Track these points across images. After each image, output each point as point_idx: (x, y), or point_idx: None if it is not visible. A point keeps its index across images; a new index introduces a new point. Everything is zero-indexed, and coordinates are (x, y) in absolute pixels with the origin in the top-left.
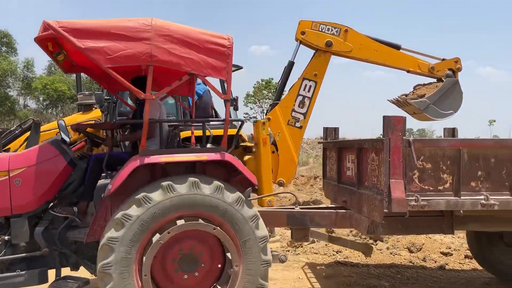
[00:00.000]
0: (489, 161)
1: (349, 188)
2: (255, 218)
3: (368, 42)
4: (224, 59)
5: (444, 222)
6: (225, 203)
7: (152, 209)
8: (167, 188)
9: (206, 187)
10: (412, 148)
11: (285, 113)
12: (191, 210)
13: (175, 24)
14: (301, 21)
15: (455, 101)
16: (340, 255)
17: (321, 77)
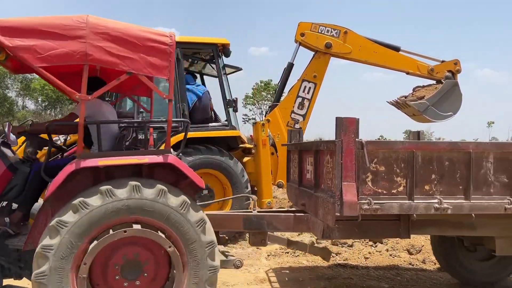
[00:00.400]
0: (443, 164)
1: (308, 191)
2: (202, 222)
3: (368, 44)
4: (166, 58)
5: (401, 226)
6: (169, 208)
7: (89, 215)
8: (106, 193)
9: (148, 191)
10: (365, 150)
11: (285, 114)
12: (132, 215)
13: (113, 21)
14: (300, 22)
15: (454, 103)
16: (339, 257)
17: (320, 78)
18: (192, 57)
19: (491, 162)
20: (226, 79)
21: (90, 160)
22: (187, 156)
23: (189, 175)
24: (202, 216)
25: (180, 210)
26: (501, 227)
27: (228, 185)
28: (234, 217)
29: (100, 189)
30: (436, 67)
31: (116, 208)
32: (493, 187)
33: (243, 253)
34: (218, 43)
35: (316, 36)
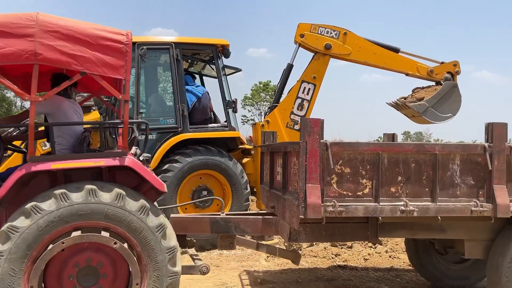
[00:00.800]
0: (409, 166)
1: (277, 193)
2: (161, 227)
3: (367, 45)
4: (122, 57)
5: (369, 229)
6: (127, 212)
7: (22, 237)
8: (32, 210)
9: (105, 195)
10: (329, 152)
11: (284, 115)
12: (68, 224)
13: (65, 18)
14: (300, 24)
15: (453, 104)
16: (339, 258)
17: (320, 79)
18: (192, 58)
19: (457, 164)
20: (226, 80)
21: (43, 163)
22: (187, 157)
23: (148, 178)
24: (161, 220)
25: (116, 204)
26: (469, 230)
27: (227, 186)
28: (201, 220)
29: (25, 208)
30: (436, 68)
31: (48, 222)
32: (460, 189)
33: (242, 255)
34: (217, 44)
35: (316, 37)
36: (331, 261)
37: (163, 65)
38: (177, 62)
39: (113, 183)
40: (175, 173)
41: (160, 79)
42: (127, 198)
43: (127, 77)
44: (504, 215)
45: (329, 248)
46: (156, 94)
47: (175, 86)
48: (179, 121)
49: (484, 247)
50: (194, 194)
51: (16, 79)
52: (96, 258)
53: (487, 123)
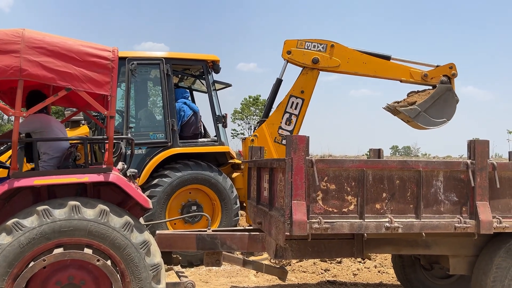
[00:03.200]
0: (394, 182)
1: (264, 209)
2: (145, 244)
3: (357, 55)
4: (108, 73)
5: (355, 245)
6: (111, 229)
7: (3, 255)
8: (14, 227)
9: (89, 211)
10: (315, 169)
11: (272, 130)
12: (50, 240)
13: (52, 35)
14: (286, 40)
15: (448, 108)
16: (328, 273)
17: (308, 94)
18: (182, 73)
19: (441, 180)
20: (216, 95)
21: (25, 179)
22: (176, 172)
23: (131, 194)
24: (145, 237)
25: (100, 220)
26: (453, 246)
27: (217, 201)
28: (187, 236)
29: (6, 225)
30: (430, 72)
31: (30, 239)
32: (443, 206)
33: (231, 270)
34: (208, 59)
35: (303, 53)
36: (320, 277)
37: (153, 80)
38: (167, 77)
39: (97, 200)
40: (164, 188)
41: (150, 94)
42: (111, 214)
43: (112, 93)
44: (487, 231)
45: (319, 264)
46: (146, 109)
47: (165, 101)
48: (169, 135)
49: (468, 263)
50: (183, 209)
51: (4, 94)
52: (78, 275)
53: (469, 141)
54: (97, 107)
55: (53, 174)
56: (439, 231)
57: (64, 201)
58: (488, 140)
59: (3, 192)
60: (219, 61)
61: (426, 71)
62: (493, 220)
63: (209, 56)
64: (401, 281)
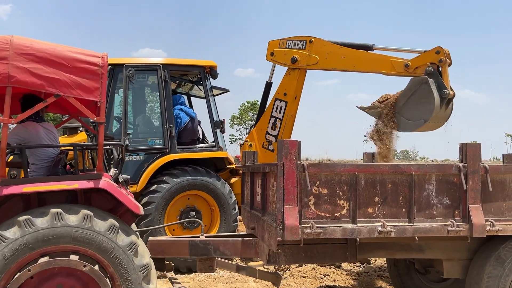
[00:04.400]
0: (386, 186)
1: (257, 214)
2: (133, 246)
3: (335, 49)
4: (97, 79)
5: (348, 250)
6: (96, 233)
7: (7, 248)
8: (24, 223)
9: (72, 217)
10: (306, 173)
11: (260, 135)
12: (35, 250)
13: (40, 41)
14: (269, 41)
15: (424, 106)
16: (328, 278)
17: (291, 96)
18: (180, 79)
19: (433, 184)
20: (214, 100)
21: (14, 186)
22: (174, 178)
23: (122, 200)
24: (132, 239)
25: (84, 225)
26: (447, 250)
27: (215, 207)
28: (180, 242)
29: (18, 219)
30: (413, 61)
31: (14, 250)
32: (436, 209)
33: (231, 276)
34: (205, 65)
35: (284, 53)
36: (319, 282)
37: (151, 86)
38: (165, 83)
39: (81, 205)
40: (163, 194)
41: (148, 100)
42: (95, 218)
43: (102, 99)
44: (479, 234)
45: (318, 268)
46: (144, 115)
47: (163, 107)
48: (166, 141)
49: (462, 267)
50: (182, 215)
51: None
52: (67, 283)
53: (461, 144)
54: (86, 113)
55: (43, 181)
56: (432, 235)
57: (46, 209)
58: (479, 143)
59: None
60: (216, 67)
61: (409, 59)
62: (486, 223)
63: (206, 62)
64: (395, 285)
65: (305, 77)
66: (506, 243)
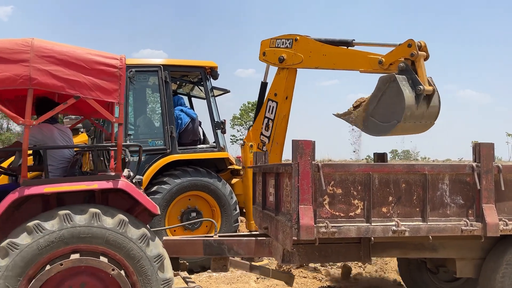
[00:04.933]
0: (400, 186)
1: (270, 214)
2: (160, 258)
3: (318, 47)
4: (115, 81)
5: (362, 249)
6: (127, 239)
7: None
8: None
9: (108, 220)
10: (321, 173)
11: (256, 136)
12: (68, 245)
13: (60, 44)
14: (262, 41)
15: (395, 105)
16: (329, 278)
17: (281, 96)
18: (180, 80)
19: (446, 184)
20: (214, 101)
21: (36, 187)
22: (175, 179)
23: (141, 201)
24: (144, 231)
25: (118, 230)
26: (460, 249)
27: (216, 207)
28: (194, 242)
29: (27, 226)
30: (387, 57)
31: (49, 242)
32: (450, 209)
33: (232, 277)
34: (206, 66)
35: (274, 52)
36: (321, 282)
37: (151, 87)
38: (165, 84)
39: (118, 209)
40: (164, 195)
41: (148, 101)
42: (129, 225)
43: (121, 101)
44: (493, 234)
45: (319, 269)
46: (145, 116)
47: (164, 107)
48: (167, 142)
49: (475, 266)
50: (182, 216)
51: (9, 103)
52: (90, 282)
53: (475, 143)
54: (105, 115)
55: (63, 182)
56: (445, 234)
57: (85, 207)
58: (493, 143)
59: (14, 200)
60: (217, 68)
61: (383, 55)
62: (499, 222)
63: (207, 62)
64: (406, 284)
65: (295, 77)
66: None
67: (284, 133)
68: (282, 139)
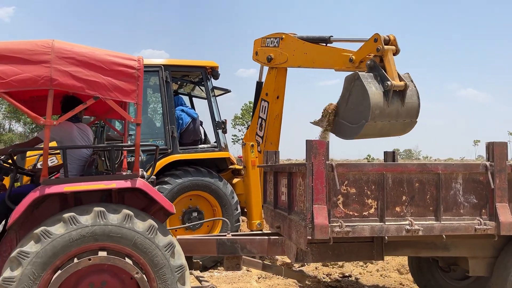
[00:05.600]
0: (413, 185)
1: (282, 213)
2: (181, 269)
3: (300, 45)
4: (134, 82)
5: (374, 248)
6: (135, 233)
7: (52, 244)
8: (69, 220)
9: (139, 223)
10: (335, 173)
11: (252, 136)
12: (97, 242)
13: (79, 45)
14: (255, 40)
15: (362, 105)
16: (330, 278)
17: (272, 96)
18: (181, 80)
19: (460, 183)
20: (215, 101)
21: (55, 186)
22: (176, 178)
23: (158, 200)
24: (170, 239)
25: (147, 234)
26: (473, 248)
27: (217, 207)
28: (208, 241)
29: (63, 216)
30: (357, 54)
31: (81, 236)
32: (463, 208)
33: (233, 276)
34: (207, 66)
35: (264, 51)
36: (322, 282)
37: (152, 87)
38: (166, 84)
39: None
40: (165, 195)
41: (149, 101)
42: (158, 232)
43: (139, 101)
44: (507, 232)
45: (321, 268)
46: (146, 116)
47: (165, 107)
48: (168, 142)
49: (488, 264)
50: (184, 216)
51: (24, 103)
52: (111, 282)
53: (488, 143)
54: (124, 115)
55: (82, 181)
56: (459, 233)
57: (118, 207)
58: (506, 142)
59: (35, 198)
60: (217, 67)
61: (354, 52)
62: None
63: (207, 62)
64: (417, 282)
65: (285, 76)
66: None
67: (278, 132)
68: (276, 138)
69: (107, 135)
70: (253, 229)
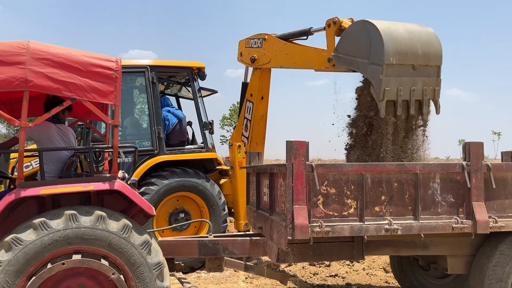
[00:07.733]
0: (392, 185)
1: (264, 214)
2: (159, 266)
3: (281, 46)
4: (111, 83)
5: (355, 248)
6: (130, 245)
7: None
8: (40, 226)
9: (113, 223)
10: (315, 173)
11: (238, 136)
12: (71, 245)
13: (56, 46)
14: (239, 41)
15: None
16: (317, 277)
17: (257, 97)
18: (168, 80)
19: (437, 182)
20: (202, 101)
21: (32, 189)
22: (163, 179)
23: (137, 202)
24: (146, 238)
25: (122, 234)
26: (451, 246)
27: (205, 208)
28: (189, 242)
29: (33, 222)
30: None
31: (53, 240)
32: (441, 207)
33: (220, 277)
34: (193, 66)
35: (248, 52)
36: (309, 281)
37: (138, 88)
38: (152, 85)
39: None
40: (152, 196)
41: (136, 102)
42: (133, 231)
43: (116, 103)
44: (483, 231)
45: (307, 268)
46: (132, 117)
47: (151, 108)
48: (155, 143)
49: (466, 262)
50: (171, 217)
51: (2, 105)
52: (88, 285)
53: (464, 143)
54: (101, 116)
55: (59, 184)
56: (437, 232)
57: (91, 209)
58: (482, 142)
59: (10, 201)
60: (204, 68)
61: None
62: (489, 220)
63: (194, 63)
64: (399, 281)
65: (269, 77)
66: (508, 238)
67: (263, 133)
68: (261, 139)
69: (93, 137)
70: (240, 230)
